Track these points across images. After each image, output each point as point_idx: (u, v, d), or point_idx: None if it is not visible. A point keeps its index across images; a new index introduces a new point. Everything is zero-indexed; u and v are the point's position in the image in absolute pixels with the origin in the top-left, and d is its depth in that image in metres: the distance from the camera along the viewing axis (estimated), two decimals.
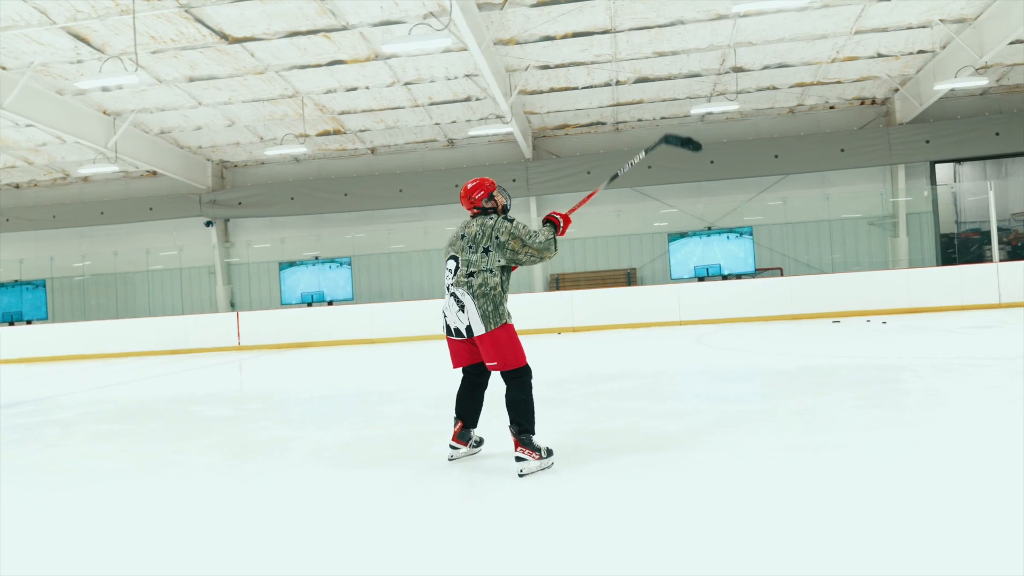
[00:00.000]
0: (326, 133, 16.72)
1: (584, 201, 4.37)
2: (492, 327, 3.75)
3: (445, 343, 4.38)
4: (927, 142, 15.65)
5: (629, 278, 17.03)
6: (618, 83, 14.55)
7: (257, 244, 18.78)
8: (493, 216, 3.95)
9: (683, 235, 15.50)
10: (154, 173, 18.52)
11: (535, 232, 3.87)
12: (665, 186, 17.07)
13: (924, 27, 12.62)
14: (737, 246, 15.09)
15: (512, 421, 3.74)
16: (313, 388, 8.32)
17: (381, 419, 5.81)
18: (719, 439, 4.28)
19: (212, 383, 9.41)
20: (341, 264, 16.71)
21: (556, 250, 3.89)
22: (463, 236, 3.93)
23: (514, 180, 16.93)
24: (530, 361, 4.12)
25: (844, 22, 12.24)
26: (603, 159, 16.81)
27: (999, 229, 18.33)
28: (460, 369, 4.09)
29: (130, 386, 9.54)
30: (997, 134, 15.47)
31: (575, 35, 12.23)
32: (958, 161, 19.06)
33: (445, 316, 3.92)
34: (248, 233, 19.01)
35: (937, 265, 16.26)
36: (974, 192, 19.44)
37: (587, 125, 17.15)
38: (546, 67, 13.55)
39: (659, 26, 12.06)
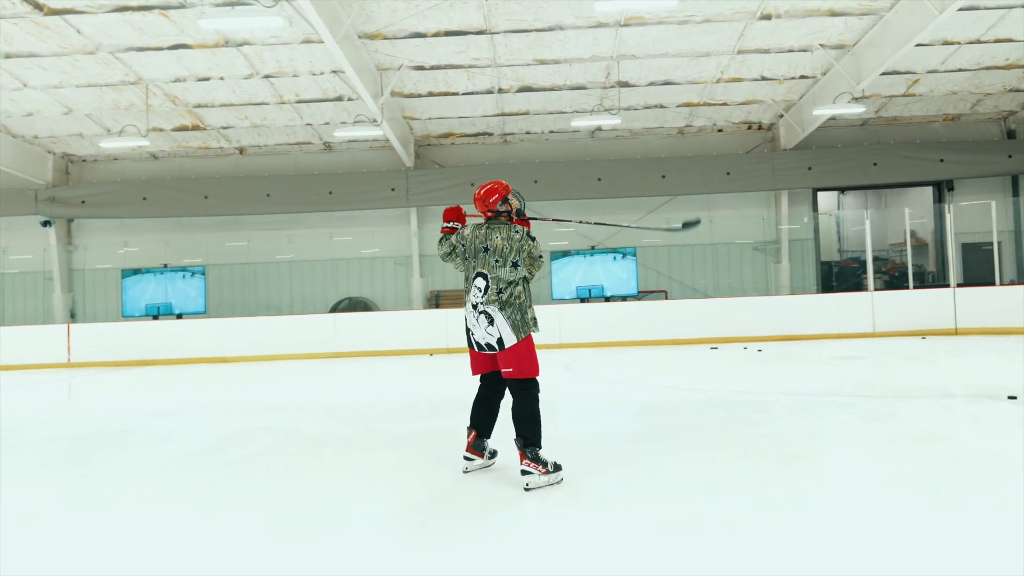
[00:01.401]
0: (183, 128, 15.12)
1: (548, 219, 4.82)
2: (522, 336, 3.84)
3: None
4: (809, 169, 15.65)
5: None
6: (501, 91, 13.75)
7: (101, 248, 16.81)
8: (519, 230, 3.99)
9: (566, 254, 14.81)
10: None
11: (540, 256, 4.07)
12: (553, 203, 16.37)
13: (805, 51, 12.46)
14: (621, 267, 14.52)
15: (518, 434, 3.78)
16: (91, 418, 6.90)
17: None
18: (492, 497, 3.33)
19: None
20: (193, 274, 15.06)
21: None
22: (487, 249, 3.95)
23: (393, 189, 15.84)
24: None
25: (727, 40, 11.89)
26: (489, 172, 15.96)
27: (877, 259, 18.72)
28: (478, 377, 4.12)
29: None
30: (875, 164, 15.64)
31: (448, 33, 11.33)
32: (840, 190, 19.41)
33: (472, 333, 3.97)
34: (96, 236, 17.02)
35: (818, 292, 16.25)
36: (855, 221, 19.81)
37: (473, 135, 16.30)
38: (421, 68, 12.58)
39: (537, 30, 11.34)
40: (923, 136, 16.32)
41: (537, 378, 3.87)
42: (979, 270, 15.41)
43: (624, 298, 14.80)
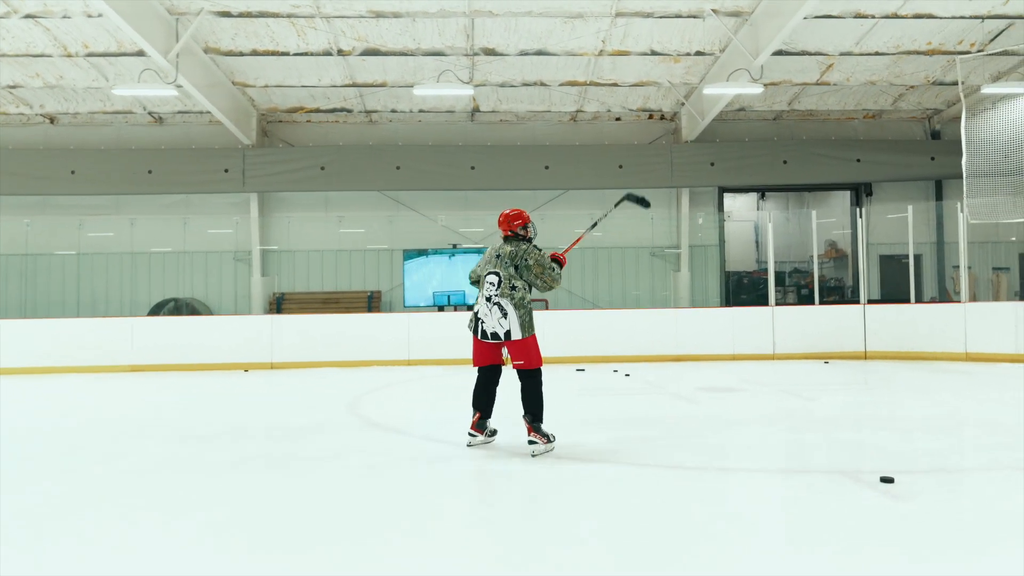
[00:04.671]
0: None
1: (574, 244, 5.22)
2: (526, 335, 4.55)
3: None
4: (712, 165, 13.69)
5: (370, 303, 13.81)
6: (342, 52, 11.39)
7: None
8: (525, 243, 4.79)
9: (421, 253, 12.51)
10: None
11: (553, 266, 4.72)
12: (417, 193, 14.07)
13: (695, 17, 10.45)
14: None
15: (526, 411, 4.59)
16: None
17: None
18: None
19: None
20: None
21: (560, 284, 4.75)
22: (499, 256, 4.74)
23: (226, 171, 13.30)
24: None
25: None
26: (343, 154, 13.58)
27: (796, 271, 16.95)
28: (477, 368, 4.81)
29: None
30: (785, 162, 13.78)
31: None
32: (758, 193, 17.56)
33: (482, 322, 4.61)
34: None
35: (720, 306, 14.30)
36: (779, 229, 17.95)
37: (330, 111, 13.87)
38: (227, 13, 10.13)
39: None
40: (840, 133, 14.57)
41: (541, 366, 4.66)
42: (899, 285, 13.68)
43: None
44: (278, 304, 13.65)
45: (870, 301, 12.24)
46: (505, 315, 4.52)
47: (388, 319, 11.87)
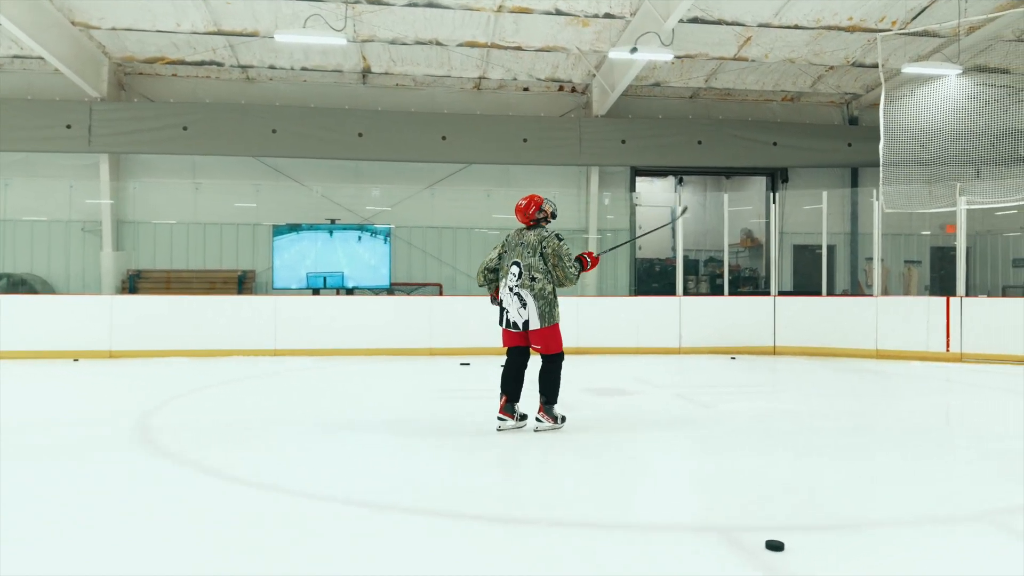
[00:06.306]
0: None
1: (617, 247, 6.08)
2: (545, 324, 4.69)
3: None
4: (623, 143, 12.70)
5: (242, 283, 12.23)
6: None
7: None
8: (547, 230, 4.85)
9: (294, 228, 11.04)
10: None
11: (573, 260, 4.77)
12: (295, 161, 12.54)
13: None
14: (369, 251, 10.96)
15: (541, 392, 4.82)
16: None
17: None
18: None
19: None
20: None
21: (575, 283, 4.79)
22: (522, 243, 4.82)
23: (68, 126, 11.42)
24: None
25: None
26: (216, 114, 11.91)
27: (712, 260, 16.22)
28: (506, 349, 4.91)
29: None
30: (700, 143, 12.92)
31: None
32: (676, 175, 16.70)
33: (506, 311, 4.81)
34: None
35: (629, 295, 13.40)
36: (697, 215, 17.20)
37: (197, 64, 12.14)
38: None
39: None
40: (757, 115, 13.83)
41: (562, 352, 4.84)
42: (812, 277, 13.08)
43: (375, 291, 11.25)
44: (131, 283, 11.91)
45: (782, 293, 11.54)
46: (524, 305, 4.69)
47: (251, 302, 10.40)
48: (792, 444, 4.73)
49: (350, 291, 11.01)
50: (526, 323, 4.69)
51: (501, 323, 4.85)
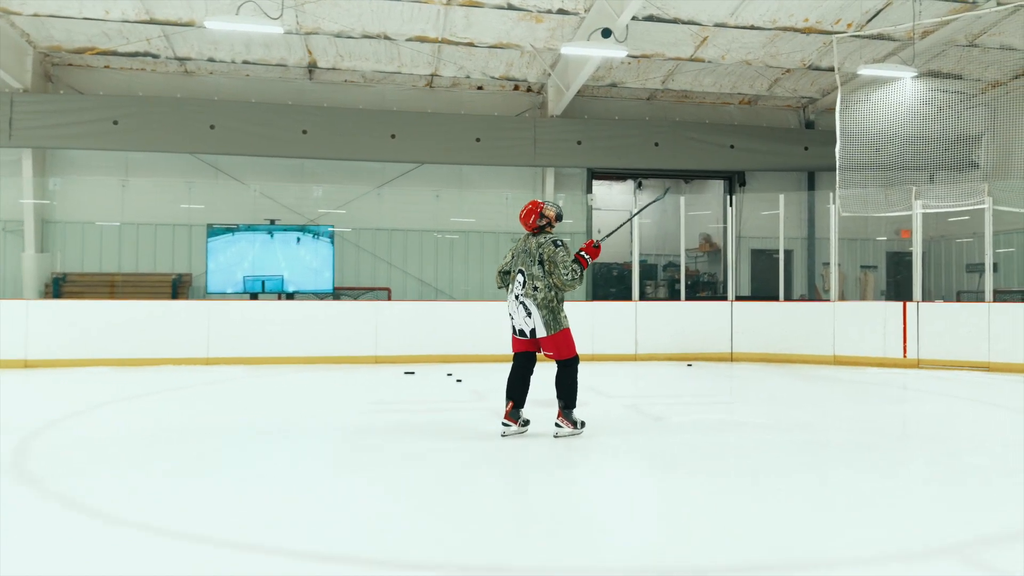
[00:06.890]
0: None
1: (615, 230, 5.44)
2: (552, 332, 4.68)
3: None
4: (579, 144, 12.38)
5: (176, 288, 11.55)
6: None
7: None
8: (546, 237, 4.77)
9: (230, 229, 10.44)
10: None
11: (571, 267, 4.65)
12: (235, 159, 11.93)
13: None
14: (311, 253, 10.41)
15: (559, 397, 4.80)
16: None
17: None
18: None
19: None
20: None
21: (575, 287, 4.69)
22: (525, 250, 4.80)
23: None
24: None
25: None
26: (150, 108, 11.25)
27: (671, 264, 15.97)
28: (513, 355, 4.90)
29: None
30: (657, 144, 12.67)
31: None
32: (621, 175, 16.33)
33: (512, 319, 4.83)
34: None
35: (586, 300, 13.05)
36: (656, 220, 16.91)
37: (131, 55, 11.46)
38: None
39: None
40: (715, 118, 13.64)
41: (577, 355, 4.79)
42: (770, 282, 12.90)
43: (319, 296, 10.70)
44: (55, 287, 11.15)
45: (740, 298, 11.33)
46: (529, 314, 4.69)
47: (182, 307, 9.77)
48: (744, 465, 4.38)
49: (291, 296, 10.44)
50: (533, 331, 4.71)
51: (512, 330, 4.87)
